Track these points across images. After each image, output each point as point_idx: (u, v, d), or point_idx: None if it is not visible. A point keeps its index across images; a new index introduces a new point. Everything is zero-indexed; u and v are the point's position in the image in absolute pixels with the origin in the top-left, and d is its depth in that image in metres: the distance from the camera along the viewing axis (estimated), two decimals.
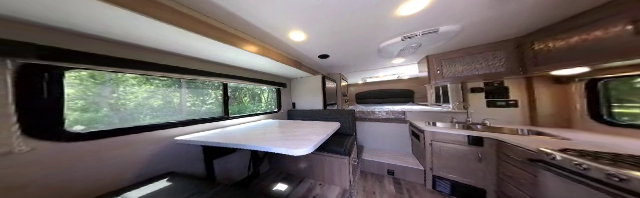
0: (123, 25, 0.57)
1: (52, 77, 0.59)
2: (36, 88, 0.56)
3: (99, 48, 0.67)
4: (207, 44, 0.78)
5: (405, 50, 1.39)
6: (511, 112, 1.38)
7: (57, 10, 0.47)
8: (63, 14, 0.49)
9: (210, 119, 1.12)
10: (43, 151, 0.56)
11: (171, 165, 0.87)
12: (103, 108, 0.75)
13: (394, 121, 1.99)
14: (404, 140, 1.88)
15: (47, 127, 0.58)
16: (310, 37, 1.04)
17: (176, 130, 0.92)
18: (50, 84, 0.58)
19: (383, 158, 1.68)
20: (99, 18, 0.52)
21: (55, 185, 0.57)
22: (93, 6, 0.45)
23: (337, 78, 2.59)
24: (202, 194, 0.60)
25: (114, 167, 0.70)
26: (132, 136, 0.76)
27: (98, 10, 0.47)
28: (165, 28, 0.60)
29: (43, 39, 0.56)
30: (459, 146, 1.17)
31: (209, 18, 0.73)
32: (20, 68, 0.53)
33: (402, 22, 0.87)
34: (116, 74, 0.78)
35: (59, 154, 0.59)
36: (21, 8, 0.46)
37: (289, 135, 0.88)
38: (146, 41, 0.72)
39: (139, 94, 0.86)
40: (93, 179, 0.65)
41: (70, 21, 0.53)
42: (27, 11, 0.47)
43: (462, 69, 1.44)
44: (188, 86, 1.07)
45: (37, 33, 0.55)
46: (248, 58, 1.06)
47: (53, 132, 0.59)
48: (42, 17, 0.50)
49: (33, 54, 0.52)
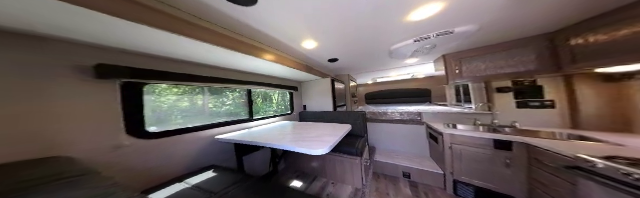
0: (185, 48, 0.74)
1: (137, 90, 0.79)
2: (130, 99, 0.75)
3: (166, 66, 0.87)
4: (237, 56, 0.92)
5: (419, 51, 1.37)
6: (547, 114, 1.24)
7: (142, 42, 0.64)
8: (146, 43, 0.66)
9: (238, 121, 1.28)
10: (136, 145, 0.75)
11: (212, 159, 1.03)
12: (162, 111, 0.93)
13: (409, 122, 1.94)
14: (420, 142, 1.82)
15: (137, 128, 0.77)
16: (321, 44, 1.12)
17: (215, 130, 1.09)
18: (136, 96, 0.78)
19: (398, 160, 1.66)
20: (167, 44, 0.68)
21: (142, 170, 0.76)
22: (163, 35, 0.60)
23: (345, 79, 2.62)
24: (242, 184, 0.73)
25: (175, 158, 0.88)
26: (186, 135, 0.93)
27: (163, 37, 0.62)
28: (211, 48, 0.75)
29: (133, 62, 0.75)
30: (483, 150, 1.11)
31: (239, 35, 0.86)
32: (122, 85, 0.73)
33: (413, 26, 0.88)
34: (172, 86, 0.97)
35: (144, 148, 0.77)
36: (129, 43, 0.64)
37: (305, 136, 0.96)
38: (196, 58, 0.90)
39: (177, 100, 1.05)
40: (163, 167, 0.83)
41: (142, 46, 0.70)
42: (122, 43, 0.64)
43: (485, 67, 1.34)
44: (211, 91, 1.24)
45: (130, 58, 0.74)
46: (267, 66, 1.18)
47: (140, 132, 0.78)
48: (130, 45, 0.68)
49: (129, 74, 0.71)
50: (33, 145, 0.53)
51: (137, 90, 0.78)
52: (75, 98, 0.61)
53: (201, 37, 0.67)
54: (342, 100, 2.37)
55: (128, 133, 0.73)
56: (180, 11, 0.62)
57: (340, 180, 1.30)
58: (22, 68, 0.53)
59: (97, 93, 0.66)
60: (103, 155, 0.66)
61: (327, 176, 1.35)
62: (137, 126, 0.77)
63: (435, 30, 0.95)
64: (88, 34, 0.56)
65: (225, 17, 0.69)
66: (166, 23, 0.57)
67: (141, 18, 0.51)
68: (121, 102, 0.71)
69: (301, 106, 2.12)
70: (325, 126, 1.31)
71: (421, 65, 2.13)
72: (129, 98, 0.74)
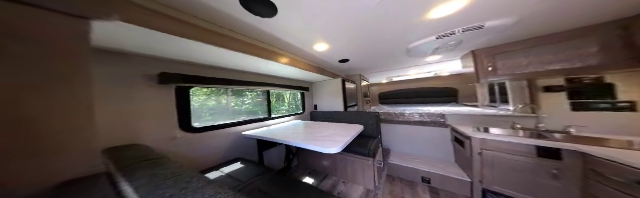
0: (221, 57, 0.89)
1: (186, 93, 0.96)
2: (181, 100, 0.93)
3: (205, 72, 1.03)
4: (259, 61, 1.03)
5: (442, 48, 1.27)
6: (620, 118, 1.01)
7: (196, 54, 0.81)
8: (195, 54, 0.83)
9: (258, 119, 1.41)
10: (185, 138, 0.92)
11: (238, 152, 1.18)
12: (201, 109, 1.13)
13: (430, 124, 1.81)
14: (443, 146, 1.68)
15: (186, 124, 0.94)
16: (332, 46, 1.15)
17: (241, 127, 1.24)
18: (185, 97, 0.96)
19: (416, 164, 1.57)
20: (208, 54, 0.84)
21: (190, 158, 0.93)
22: (206, 47, 0.74)
23: (357, 79, 2.57)
24: (263, 176, 0.84)
25: (212, 150, 1.04)
26: (220, 130, 1.09)
27: (206, 49, 0.76)
28: (241, 56, 0.88)
29: (182, 70, 0.93)
30: (523, 158, 0.98)
31: (261, 42, 0.97)
32: (176, 89, 0.90)
33: (435, 23, 0.83)
34: (207, 88, 1.16)
35: (191, 140, 0.94)
36: (180, 55, 0.81)
37: (317, 135, 1.01)
38: (227, 64, 1.05)
39: (206, 99, 1.23)
40: (204, 156, 1.00)
41: (190, 56, 0.86)
42: (178, 55, 0.82)
43: (527, 63, 1.16)
44: (233, 91, 1.40)
45: (180, 67, 0.93)
46: (282, 68, 1.28)
47: (188, 127, 0.95)
48: (183, 56, 0.85)
49: (181, 80, 0.89)
50: (124, 135, 0.72)
51: (185, 92, 0.96)
52: (146, 100, 0.79)
53: (234, 47, 0.79)
54: (353, 100, 2.35)
55: (180, 127, 0.90)
56: (217, 26, 0.75)
57: (351, 180, 1.30)
58: (114, 78, 0.71)
59: (160, 96, 0.84)
60: (164, 144, 0.83)
61: (338, 175, 1.38)
62: (186, 122, 0.94)
63: (461, 25, 0.87)
64: (156, 49, 0.73)
65: (250, 28, 0.80)
66: (210, 37, 0.70)
67: (194, 36, 0.64)
68: (175, 102, 0.89)
69: (312, 106, 2.16)
70: (336, 126, 1.33)
71: (445, 62, 1.95)
72: (180, 99, 0.92)
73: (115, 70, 0.72)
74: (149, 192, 0.31)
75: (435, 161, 1.64)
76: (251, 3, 0.60)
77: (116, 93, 0.71)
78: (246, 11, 0.65)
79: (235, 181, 0.79)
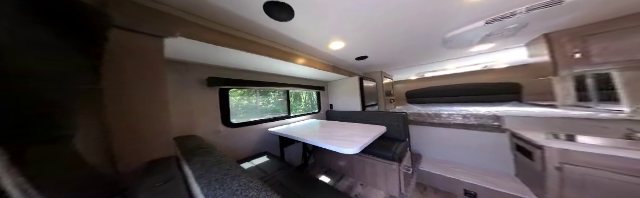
0: (251, 61, 1.02)
1: (226, 93, 1.14)
2: (223, 100, 1.11)
3: (237, 75, 1.20)
4: (280, 64, 1.10)
5: (495, 34, 1.01)
6: None
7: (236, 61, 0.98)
8: (232, 60, 0.98)
9: (281, 117, 1.54)
10: (226, 132, 1.09)
11: (264, 147, 1.31)
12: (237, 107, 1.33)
13: (477, 128, 1.49)
14: (497, 155, 1.35)
15: (226, 119, 1.11)
16: (348, 44, 1.12)
17: (267, 124, 1.37)
18: (226, 97, 1.12)
19: (456, 174, 1.34)
20: (242, 59, 0.98)
21: (230, 149, 1.10)
22: (243, 54, 0.86)
23: (377, 76, 2.37)
24: (284, 171, 0.91)
25: (245, 143, 1.20)
26: (251, 126, 1.24)
27: (242, 55, 0.89)
28: (267, 59, 0.98)
29: (223, 74, 1.11)
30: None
31: (281, 45, 1.04)
32: (219, 90, 1.09)
33: (482, 4, 0.67)
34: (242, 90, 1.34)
35: (230, 134, 1.11)
36: (221, 61, 0.99)
37: (334, 135, 1.00)
38: (255, 67, 1.19)
39: (241, 100, 1.43)
40: (239, 149, 1.15)
41: (230, 62, 1.03)
42: (224, 62, 1.00)
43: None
44: (260, 92, 1.56)
45: (222, 71, 1.11)
46: (299, 69, 1.31)
47: (228, 122, 1.12)
48: (226, 63, 1.03)
49: (223, 82, 1.06)
50: (185, 128, 0.92)
51: (226, 93, 1.14)
52: (199, 100, 0.99)
53: (262, 52, 0.89)
54: (373, 99, 2.18)
55: (222, 123, 1.08)
56: (248, 34, 0.85)
57: (371, 183, 1.24)
58: (177, 82, 0.90)
59: (208, 96, 1.03)
60: (211, 136, 0.99)
61: (355, 177, 1.33)
62: (226, 118, 1.11)
63: (525, 4, 0.67)
64: (205, 58, 0.90)
65: (273, 33, 0.87)
66: (244, 45, 0.81)
67: (233, 44, 0.76)
68: (219, 102, 1.08)
69: (328, 105, 2.15)
70: (354, 126, 1.28)
71: (500, 52, 1.55)
72: (222, 99, 1.10)
73: (178, 76, 0.91)
74: (201, 175, 0.39)
75: (483, 172, 1.35)
76: (272, 8, 0.65)
77: (179, 94, 0.91)
78: (269, 18, 0.71)
79: (262, 172, 0.89)
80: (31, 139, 0.26)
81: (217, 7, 0.63)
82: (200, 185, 0.34)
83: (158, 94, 0.53)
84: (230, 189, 0.31)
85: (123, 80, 0.48)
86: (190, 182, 0.41)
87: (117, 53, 0.48)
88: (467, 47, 1.30)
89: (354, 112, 1.75)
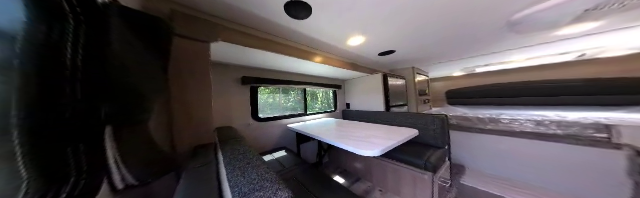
0: (275, 60, 1.09)
1: (255, 91, 1.25)
2: (253, 96, 1.22)
3: (260, 73, 1.28)
4: (299, 62, 1.13)
5: (603, 8, 0.67)
6: None
7: (263, 62, 1.08)
8: (260, 61, 1.08)
9: (297, 114, 1.57)
10: (254, 125, 1.20)
11: (283, 142, 1.37)
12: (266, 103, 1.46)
13: (564, 140, 1.08)
14: (601, 179, 0.95)
15: (255, 114, 1.23)
16: (369, 39, 1.04)
17: (286, 120, 1.44)
18: (255, 94, 1.24)
19: (522, 195, 1.01)
20: (268, 60, 1.06)
21: (258, 141, 1.21)
22: (269, 55, 0.94)
23: (408, 73, 2.05)
24: (300, 166, 0.93)
25: (268, 137, 1.29)
26: (274, 122, 1.33)
27: (268, 56, 0.96)
28: (288, 59, 1.03)
29: (253, 74, 1.21)
30: None
31: (300, 44, 1.07)
32: (250, 88, 1.21)
33: None
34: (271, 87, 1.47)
35: (258, 127, 1.21)
36: (252, 62, 1.10)
37: (351, 135, 0.92)
38: (279, 67, 1.27)
39: (268, 98, 1.54)
40: (264, 142, 1.25)
41: (258, 62, 1.14)
42: (251, 62, 1.11)
43: None
44: (283, 91, 1.64)
45: (252, 71, 1.22)
46: (316, 67, 1.30)
47: (256, 116, 1.23)
48: (253, 63, 1.15)
49: (254, 81, 1.17)
50: (226, 120, 1.07)
51: (255, 90, 1.25)
52: (235, 96, 1.12)
53: (285, 52, 0.94)
54: (401, 99, 1.92)
55: (252, 117, 1.20)
56: (272, 36, 0.92)
57: (392, 190, 1.10)
58: (219, 81, 1.04)
59: (242, 93, 1.15)
60: (243, 128, 1.11)
61: (373, 181, 1.21)
62: (255, 113, 1.22)
63: None
64: (239, 59, 1.01)
65: (293, 32, 0.90)
66: (270, 46, 0.88)
67: (262, 46, 0.84)
68: (250, 98, 1.20)
69: (344, 104, 2.07)
70: (374, 127, 1.17)
71: (607, 33, 1.03)
72: (252, 95, 1.21)
73: (218, 76, 1.05)
74: (229, 162, 0.43)
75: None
76: (291, 7, 0.67)
77: (220, 91, 1.05)
78: (289, 17, 0.74)
79: (280, 166, 0.93)
80: (126, 120, 0.34)
81: (245, 11, 0.71)
82: (227, 170, 0.38)
83: (205, 90, 0.64)
84: (249, 177, 0.33)
85: (181, 78, 0.60)
86: (220, 167, 0.46)
87: (176, 57, 0.59)
88: (549, 30, 0.93)
89: (375, 112, 1.60)
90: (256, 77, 1.19)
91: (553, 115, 1.26)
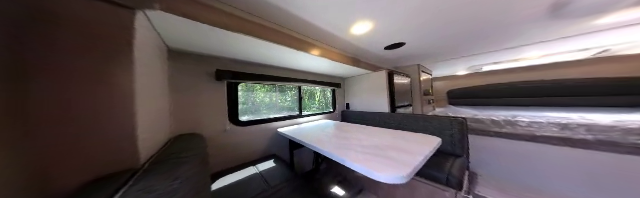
0: (259, 51, 0.87)
1: (234, 88, 1.02)
2: (231, 95, 0.99)
3: (248, 69, 1.06)
4: (290, 54, 0.91)
5: None
6: None
7: (242, 52, 0.83)
8: (237, 50, 0.85)
9: (291, 116, 1.36)
10: (233, 130, 0.97)
11: (274, 148, 1.16)
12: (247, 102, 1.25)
13: (593, 146, 0.95)
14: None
15: (234, 117, 0.99)
16: (378, 26, 0.83)
17: (277, 123, 1.21)
18: (234, 92, 1.01)
19: None
20: (254, 51, 0.82)
21: (239, 149, 0.98)
22: (245, 40, 0.71)
23: (413, 71, 1.89)
24: (293, 182, 0.73)
25: (253, 144, 1.06)
26: (260, 125, 1.10)
27: (245, 41, 0.73)
28: (273, 47, 0.80)
29: (232, 67, 0.98)
30: None
31: (290, 30, 0.85)
32: (227, 84, 0.97)
33: None
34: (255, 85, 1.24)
35: (238, 133, 0.99)
36: (229, 52, 0.87)
37: (356, 144, 0.73)
38: (265, 60, 1.02)
39: (264, 97, 1.33)
40: (245, 150, 1.02)
41: (238, 53, 0.90)
42: (233, 54, 0.87)
43: None
44: (279, 89, 1.43)
45: (230, 64, 0.97)
46: (312, 61, 1.10)
47: (236, 120, 1.00)
48: (235, 54, 0.91)
49: (231, 76, 0.93)
50: (192, 125, 0.82)
51: (234, 88, 1.01)
52: (206, 95, 0.87)
53: (268, 36, 0.73)
54: (406, 99, 1.74)
55: (230, 120, 0.96)
56: (247, 13, 0.69)
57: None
58: (185, 75, 0.80)
59: (216, 90, 0.91)
60: (216, 135, 0.88)
61: (378, 194, 1.03)
62: (234, 115, 0.99)
63: None
64: (211, 48, 0.77)
65: (277, 11, 0.68)
66: (248, 27, 0.66)
67: (233, 26, 0.62)
68: (226, 97, 0.95)
69: (344, 105, 1.86)
70: (381, 132, 0.97)
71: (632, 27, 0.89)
72: (230, 94, 0.98)
73: (186, 67, 0.82)
74: None
75: None
76: None
77: (182, 88, 0.80)
78: None
79: (263, 184, 0.72)
80: None
81: None
82: None
83: (124, 85, 0.37)
84: None
85: (69, 70, 0.33)
86: None
87: (59, 30, 0.32)
88: (599, 14, 0.78)
89: (380, 114, 1.41)
90: (235, 71, 0.97)
91: (577, 117, 1.13)
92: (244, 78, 1.02)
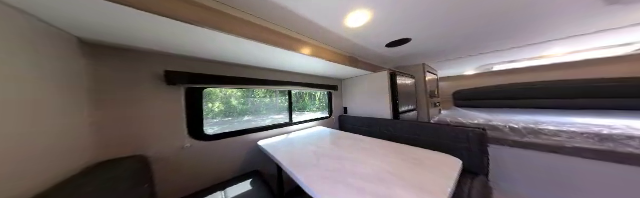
0: (228, 48, 0.69)
1: (197, 94, 0.81)
2: (191, 102, 0.78)
3: (219, 69, 0.86)
4: (271, 52, 0.74)
5: None
6: None
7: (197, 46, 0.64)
8: (200, 47, 0.67)
9: (279, 125, 1.17)
10: (196, 147, 0.77)
11: (256, 163, 0.97)
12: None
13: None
14: None
15: (197, 130, 0.79)
16: (377, 17, 0.67)
17: (260, 134, 1.03)
18: (197, 99, 0.81)
19: None
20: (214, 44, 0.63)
21: (206, 170, 0.79)
22: (210, 35, 0.54)
23: (418, 71, 1.70)
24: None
25: (228, 160, 0.88)
26: (237, 138, 0.92)
27: (209, 37, 0.56)
28: (247, 44, 0.63)
29: (194, 68, 0.77)
30: None
31: (274, 24, 0.68)
32: (186, 90, 0.76)
33: None
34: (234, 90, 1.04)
35: (203, 149, 0.80)
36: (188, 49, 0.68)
37: (350, 174, 0.53)
38: (241, 59, 0.85)
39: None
40: (216, 169, 0.83)
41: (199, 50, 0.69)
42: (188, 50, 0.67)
43: None
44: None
45: (193, 64, 0.77)
46: (303, 61, 0.93)
47: (199, 134, 0.80)
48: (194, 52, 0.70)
49: (188, 79, 0.73)
50: (127, 144, 0.61)
51: (197, 94, 0.81)
52: (152, 103, 0.67)
53: (237, 30, 0.56)
54: (410, 102, 1.55)
55: (190, 135, 0.76)
56: (213, 1, 0.53)
57: None
58: (120, 78, 0.61)
59: (168, 98, 0.70)
60: (171, 154, 0.70)
61: None
62: (197, 128, 0.79)
63: None
64: (161, 43, 0.59)
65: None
66: (208, 18, 0.50)
67: (186, 15, 0.46)
68: (185, 106, 0.75)
69: (341, 109, 1.68)
70: (383, 149, 0.76)
71: None
72: (191, 102, 0.77)
73: (119, 68, 0.61)
74: None
75: None
76: None
77: (122, 95, 0.61)
78: None
79: None
80: None
81: None
82: None
83: None
84: None
85: None
86: None
87: None
88: None
89: (381, 121, 1.23)
90: (194, 73, 0.76)
91: (621, 125, 0.94)
92: (209, 82, 0.81)
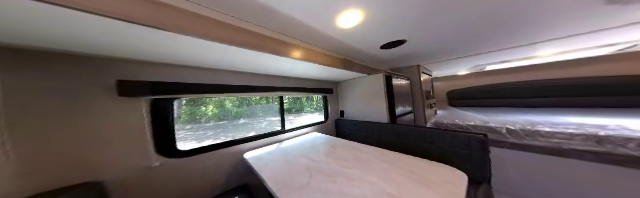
0: (204, 55, 0.61)
1: (165, 106, 0.69)
2: (158, 116, 0.67)
3: (192, 76, 0.75)
4: (252, 56, 0.66)
5: None
6: None
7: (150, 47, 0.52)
8: (170, 52, 0.57)
9: (270, 134, 1.08)
10: (167, 165, 0.68)
11: (244, 177, 0.89)
12: None
13: None
14: None
15: (167, 147, 0.69)
16: (371, 18, 0.63)
17: (247, 145, 0.94)
18: (165, 111, 0.69)
19: None
20: (186, 49, 0.54)
21: (177, 191, 0.69)
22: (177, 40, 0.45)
23: (413, 72, 1.69)
24: None
25: (209, 176, 0.79)
26: (219, 151, 0.82)
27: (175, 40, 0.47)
28: (216, 46, 0.54)
29: (164, 75, 0.67)
30: None
31: (256, 26, 0.61)
32: (150, 102, 0.66)
33: None
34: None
35: (176, 167, 0.70)
36: (153, 55, 0.57)
37: (347, 195, 0.47)
38: (222, 65, 0.76)
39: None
40: (197, 187, 0.74)
41: (170, 56, 0.59)
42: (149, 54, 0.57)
43: None
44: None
45: (155, 70, 0.65)
46: (293, 65, 0.86)
47: (171, 150, 0.70)
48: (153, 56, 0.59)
49: (149, 89, 0.62)
50: (75, 170, 0.51)
51: (165, 105, 0.69)
52: (105, 119, 0.56)
53: (205, 33, 0.47)
54: (406, 104, 1.53)
55: (158, 152, 0.66)
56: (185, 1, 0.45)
57: None
58: (62, 91, 0.50)
59: (126, 112, 0.60)
60: (136, 177, 0.61)
61: None
62: (167, 144, 0.69)
63: None
64: (104, 48, 0.49)
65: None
66: (170, 19, 0.42)
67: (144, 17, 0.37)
68: (150, 119, 0.65)
69: (337, 113, 1.62)
70: (382, 162, 0.71)
71: None
72: (158, 115, 0.67)
73: (63, 79, 0.50)
74: None
75: None
76: None
77: (66, 112, 0.51)
78: None
79: None
80: None
81: None
82: None
83: None
84: None
85: None
86: None
87: None
88: None
89: (378, 125, 1.18)
90: (156, 81, 0.64)
91: (615, 126, 0.94)
92: (181, 91, 0.69)
